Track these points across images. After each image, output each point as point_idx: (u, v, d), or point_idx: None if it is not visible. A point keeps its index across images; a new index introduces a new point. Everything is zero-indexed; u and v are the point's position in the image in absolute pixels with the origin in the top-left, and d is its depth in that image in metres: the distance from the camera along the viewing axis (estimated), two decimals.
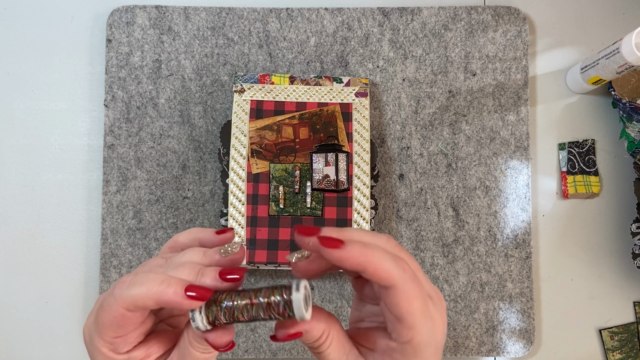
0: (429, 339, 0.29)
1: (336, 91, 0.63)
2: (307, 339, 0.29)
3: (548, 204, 0.66)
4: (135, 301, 0.27)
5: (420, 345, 0.28)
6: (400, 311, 0.28)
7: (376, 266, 0.27)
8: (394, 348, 0.29)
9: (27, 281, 0.65)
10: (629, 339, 0.65)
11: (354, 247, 0.27)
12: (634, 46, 0.55)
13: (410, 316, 0.28)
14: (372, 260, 0.27)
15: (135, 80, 0.65)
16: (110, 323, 0.28)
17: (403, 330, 0.28)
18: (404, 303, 0.28)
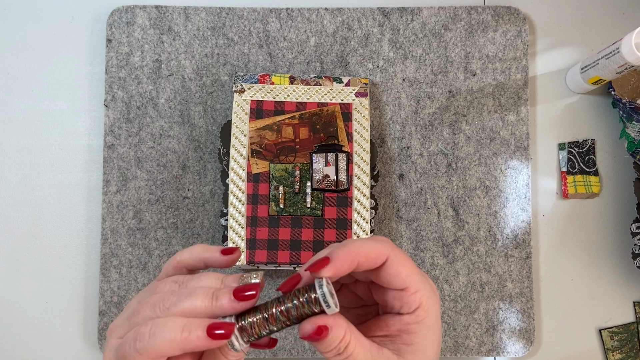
0: (433, 298, 0.31)
1: (336, 91, 0.63)
2: (333, 340, 0.29)
3: (548, 204, 0.66)
4: (161, 353, 0.27)
5: (429, 305, 0.31)
6: (402, 278, 0.30)
7: (365, 253, 0.29)
8: (409, 320, 0.31)
9: (27, 281, 0.65)
10: (629, 339, 0.65)
11: (338, 253, 0.29)
12: (633, 46, 0.55)
13: (411, 278, 0.30)
14: (359, 251, 0.29)
15: (135, 80, 0.65)
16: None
17: (410, 297, 0.30)
18: (401, 269, 0.30)
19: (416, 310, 0.31)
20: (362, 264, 0.29)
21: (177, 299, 0.28)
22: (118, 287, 0.63)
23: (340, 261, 0.29)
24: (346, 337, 0.29)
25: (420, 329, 0.31)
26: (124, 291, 0.63)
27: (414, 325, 0.31)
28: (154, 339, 0.27)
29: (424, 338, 0.31)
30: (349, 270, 0.29)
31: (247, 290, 0.28)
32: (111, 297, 0.63)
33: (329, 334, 0.29)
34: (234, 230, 0.59)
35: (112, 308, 0.63)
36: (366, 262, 0.29)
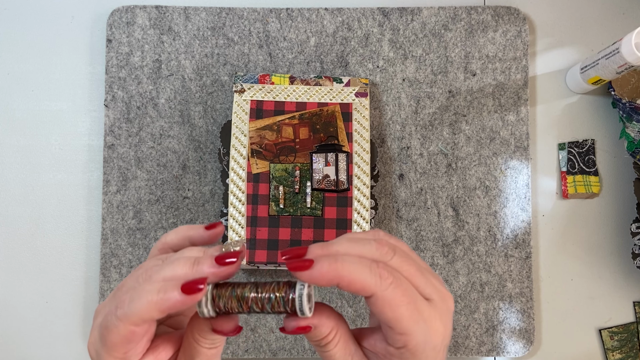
0: (425, 343, 0.28)
1: (336, 91, 0.63)
2: (316, 336, 0.29)
3: (548, 204, 0.66)
4: (140, 316, 0.27)
5: (416, 349, 0.28)
6: (387, 318, 0.27)
7: (349, 279, 0.27)
8: (393, 353, 0.29)
9: (27, 281, 0.65)
10: (629, 339, 0.65)
11: (323, 265, 0.27)
12: (633, 46, 0.55)
13: (398, 323, 0.27)
14: (343, 273, 0.27)
15: (135, 80, 0.65)
16: (119, 341, 0.28)
17: (395, 336, 0.28)
18: (387, 310, 0.27)
19: (400, 348, 0.28)
20: (342, 287, 0.27)
21: (158, 268, 0.29)
22: None
23: (320, 274, 0.27)
24: (329, 336, 0.29)
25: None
26: None
27: (397, 359, 0.29)
28: (132, 304, 0.27)
29: None
30: (327, 285, 0.27)
31: (228, 257, 0.28)
32: None
33: (312, 331, 0.28)
34: (234, 230, 0.59)
35: None
36: (346, 288, 0.27)
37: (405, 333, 0.28)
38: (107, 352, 0.28)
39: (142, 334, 0.28)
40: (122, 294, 0.28)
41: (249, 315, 0.30)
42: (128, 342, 0.28)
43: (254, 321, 0.63)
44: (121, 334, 0.27)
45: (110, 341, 0.28)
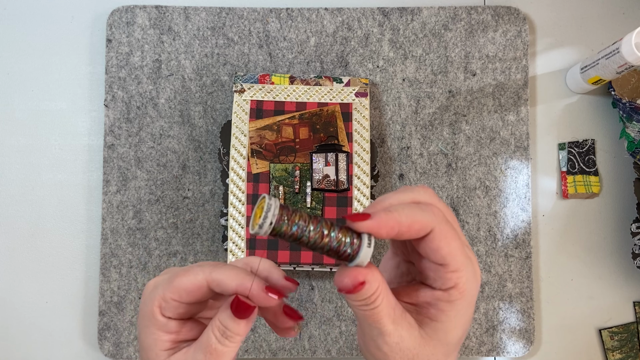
0: (471, 283, 0.29)
1: (336, 91, 0.63)
2: (367, 292, 0.28)
3: (548, 204, 0.66)
4: (220, 281, 0.30)
5: (465, 288, 0.29)
6: (442, 254, 0.28)
7: (408, 222, 0.28)
8: (440, 297, 0.29)
9: (27, 281, 0.65)
10: (629, 339, 0.65)
11: (382, 215, 0.28)
12: (633, 46, 0.55)
13: (452, 258, 0.28)
14: (402, 219, 0.27)
15: (135, 80, 0.65)
16: (186, 287, 0.30)
17: (447, 274, 0.29)
18: (443, 245, 0.28)
19: (450, 289, 0.29)
20: (403, 233, 0.28)
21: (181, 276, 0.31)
22: (118, 287, 0.63)
23: (380, 224, 0.27)
24: (378, 290, 0.28)
25: (450, 309, 0.29)
26: (124, 291, 0.63)
27: (445, 303, 0.29)
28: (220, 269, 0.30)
29: (450, 319, 0.30)
30: (387, 237, 0.28)
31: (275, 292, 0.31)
32: (111, 297, 0.63)
33: (364, 288, 0.28)
34: (234, 230, 0.59)
35: (112, 308, 0.63)
36: (407, 233, 0.28)
37: (458, 269, 0.28)
38: (167, 289, 0.30)
39: (201, 296, 0.31)
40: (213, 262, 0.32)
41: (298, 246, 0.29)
42: (189, 293, 0.30)
43: (254, 321, 0.63)
44: (194, 282, 0.30)
45: (179, 282, 0.30)
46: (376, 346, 0.29)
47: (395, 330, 0.29)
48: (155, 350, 0.31)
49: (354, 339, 0.63)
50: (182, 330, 0.32)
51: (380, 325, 0.29)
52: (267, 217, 0.27)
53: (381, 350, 0.29)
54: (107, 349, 0.63)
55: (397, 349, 0.29)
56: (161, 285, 0.31)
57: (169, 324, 0.31)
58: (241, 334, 0.31)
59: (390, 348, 0.29)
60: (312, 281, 0.64)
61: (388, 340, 0.29)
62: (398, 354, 0.29)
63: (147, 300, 0.31)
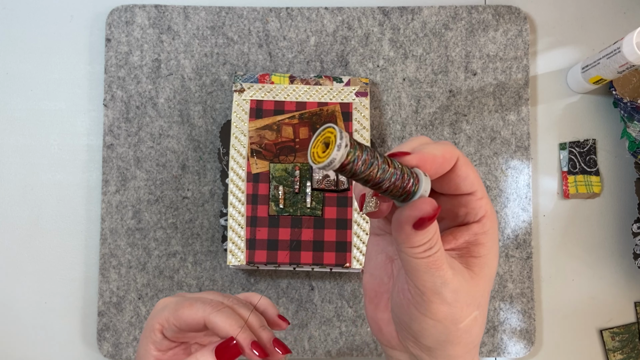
0: (494, 210, 0.31)
1: (336, 91, 0.63)
2: (430, 231, 0.27)
3: (549, 204, 0.66)
4: (214, 325, 0.34)
5: (493, 216, 0.30)
6: (471, 180, 0.29)
7: (441, 154, 0.28)
8: (476, 230, 0.30)
9: (26, 281, 0.64)
10: (630, 340, 0.65)
11: (418, 152, 0.28)
12: (634, 45, 0.55)
13: (479, 184, 0.30)
14: (435, 152, 0.28)
15: (134, 79, 0.65)
16: (186, 320, 0.34)
17: (477, 202, 0.30)
18: (470, 171, 0.29)
19: (482, 218, 0.30)
20: (440, 165, 0.28)
21: None
22: (117, 287, 0.63)
23: (424, 158, 0.27)
24: (437, 231, 0.28)
25: (487, 239, 0.30)
26: (123, 292, 0.63)
27: (482, 235, 0.30)
28: (219, 315, 0.34)
29: (490, 250, 0.30)
30: (431, 170, 0.28)
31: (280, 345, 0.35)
32: (110, 297, 0.63)
33: (434, 220, 0.27)
34: (234, 231, 0.59)
35: (111, 308, 0.63)
36: (443, 164, 0.28)
37: (484, 196, 0.30)
38: (171, 314, 0.35)
39: (198, 330, 0.35)
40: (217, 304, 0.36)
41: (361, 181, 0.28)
42: (188, 326, 0.34)
43: None
44: (193, 320, 0.34)
45: (182, 315, 0.34)
46: (441, 298, 0.28)
47: (454, 275, 0.28)
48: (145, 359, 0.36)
49: (354, 339, 0.63)
50: (169, 352, 0.37)
51: (442, 272, 0.28)
52: (339, 151, 0.24)
53: (446, 301, 0.28)
54: (106, 349, 0.62)
55: (458, 295, 0.28)
56: (168, 308, 0.35)
57: (162, 342, 0.36)
58: None
59: (454, 296, 0.28)
60: (312, 281, 0.63)
61: (452, 287, 0.28)
62: (460, 301, 0.28)
63: (153, 317, 0.36)
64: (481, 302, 0.30)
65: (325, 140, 0.25)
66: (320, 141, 0.26)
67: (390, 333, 0.33)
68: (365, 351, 0.63)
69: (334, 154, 0.24)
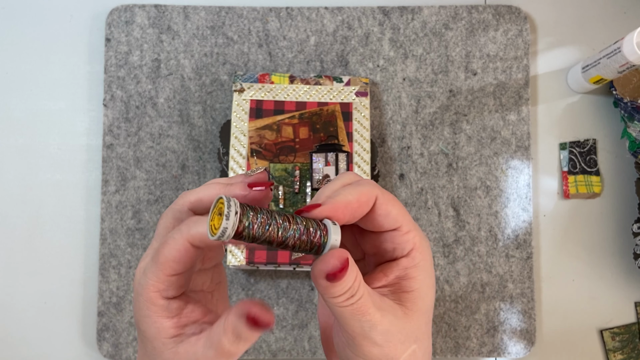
0: (424, 240, 0.30)
1: (336, 91, 0.62)
2: (348, 280, 0.27)
3: (549, 204, 0.66)
4: (202, 236, 0.28)
5: (422, 246, 0.30)
6: (393, 217, 0.29)
7: (356, 198, 0.28)
8: (405, 264, 0.30)
9: (26, 282, 0.64)
10: (631, 340, 0.65)
11: (331, 201, 0.28)
12: (635, 45, 0.54)
13: (403, 218, 0.29)
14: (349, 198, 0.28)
15: (134, 79, 0.65)
16: (171, 256, 0.28)
17: (403, 237, 0.29)
18: (391, 207, 0.29)
19: (411, 252, 0.30)
20: (356, 210, 0.28)
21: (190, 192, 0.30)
22: (117, 287, 0.63)
23: (335, 207, 0.28)
24: (358, 277, 0.28)
25: (418, 273, 0.30)
26: (123, 292, 0.63)
27: (412, 269, 0.30)
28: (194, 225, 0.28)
29: (422, 283, 0.30)
30: (344, 219, 0.28)
31: (259, 185, 0.29)
32: (110, 297, 0.63)
33: (349, 269, 0.27)
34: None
35: (110, 309, 0.63)
36: (359, 209, 0.28)
37: (410, 230, 0.30)
38: (157, 268, 0.29)
39: (191, 260, 0.29)
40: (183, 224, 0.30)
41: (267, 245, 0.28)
42: (178, 261, 0.28)
43: None
44: (177, 247, 0.28)
45: (163, 255, 0.28)
46: (371, 342, 0.28)
47: (383, 316, 0.28)
48: (160, 339, 0.30)
49: None
50: (183, 312, 0.30)
51: (369, 316, 0.28)
52: (228, 220, 0.25)
53: (376, 343, 0.28)
54: (105, 349, 0.62)
55: (389, 335, 0.28)
56: (149, 269, 0.29)
57: (170, 306, 0.30)
58: (254, 339, 0.30)
59: (384, 337, 0.28)
60: (311, 282, 0.63)
61: (380, 330, 0.28)
62: (392, 341, 0.29)
63: (141, 289, 0.29)
64: (418, 336, 0.30)
65: (219, 211, 0.26)
66: (216, 213, 0.26)
67: None
68: None
69: (224, 224, 0.24)
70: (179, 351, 0.29)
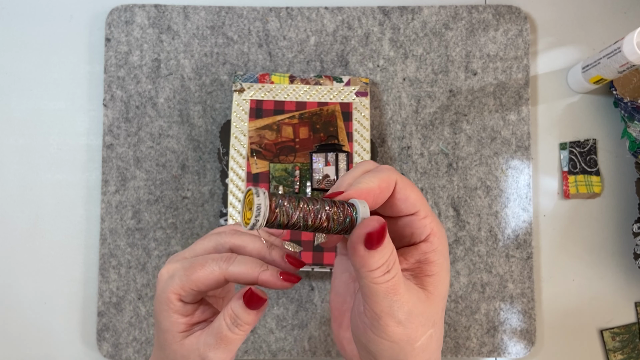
0: (441, 227, 0.32)
1: (336, 90, 0.62)
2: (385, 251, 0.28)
3: (549, 204, 0.66)
4: (237, 276, 0.32)
5: (440, 233, 0.31)
6: (412, 201, 0.30)
7: (377, 185, 0.29)
8: (425, 248, 0.31)
9: (26, 282, 0.64)
10: (631, 340, 0.65)
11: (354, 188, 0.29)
12: (635, 45, 0.54)
13: (421, 204, 0.31)
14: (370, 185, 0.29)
15: (134, 79, 0.65)
16: (204, 281, 0.32)
17: (421, 222, 0.31)
18: (409, 192, 0.30)
19: (429, 236, 0.31)
20: (378, 196, 0.29)
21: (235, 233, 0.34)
22: (117, 287, 0.63)
23: (359, 193, 0.29)
24: (394, 252, 0.28)
25: (437, 257, 0.31)
26: (123, 292, 0.63)
27: (431, 253, 0.31)
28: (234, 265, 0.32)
29: (441, 268, 0.31)
30: (370, 204, 0.29)
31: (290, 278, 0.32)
32: (110, 297, 0.63)
33: (385, 240, 0.28)
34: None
35: (110, 309, 0.63)
36: (381, 194, 0.30)
37: (427, 215, 0.31)
38: (186, 280, 0.32)
39: (216, 286, 0.33)
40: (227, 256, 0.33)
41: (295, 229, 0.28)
42: (206, 286, 0.32)
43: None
44: (212, 277, 0.32)
45: (197, 275, 0.32)
46: (396, 321, 0.29)
47: (410, 297, 0.29)
48: (172, 332, 0.33)
49: None
50: (195, 313, 0.34)
51: (399, 295, 0.29)
52: (259, 214, 0.26)
53: (401, 323, 0.29)
54: (105, 349, 0.62)
55: (412, 316, 0.29)
56: (178, 276, 0.33)
57: (185, 308, 0.33)
58: (251, 323, 0.32)
59: (408, 318, 0.29)
60: (312, 281, 0.63)
61: (407, 309, 0.29)
62: (414, 322, 0.29)
63: (165, 288, 0.33)
64: (436, 320, 0.31)
65: (249, 205, 0.27)
66: (247, 208, 0.28)
67: (352, 351, 0.34)
68: None
69: (257, 200, 0.26)
70: (185, 343, 0.33)
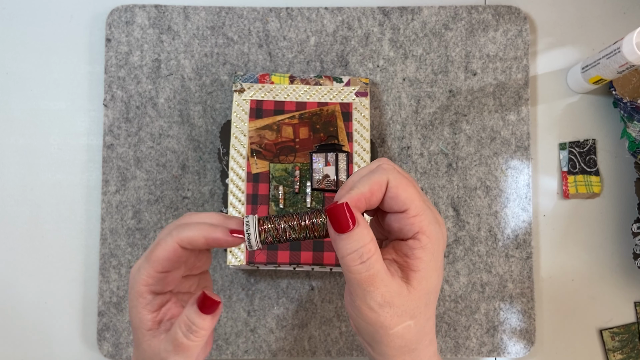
0: (435, 225, 0.32)
1: (336, 91, 0.63)
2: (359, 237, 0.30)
3: (549, 204, 0.66)
4: (189, 239, 0.33)
5: (430, 230, 0.32)
6: (402, 200, 0.31)
7: (368, 188, 0.31)
8: (412, 244, 0.32)
9: (26, 282, 0.64)
10: (630, 340, 0.65)
11: (347, 197, 0.32)
12: (634, 45, 0.55)
13: (411, 202, 0.31)
14: (362, 190, 0.31)
15: (134, 79, 0.65)
16: (163, 256, 0.33)
17: (410, 220, 0.32)
18: (400, 191, 0.31)
19: (417, 234, 0.32)
20: (370, 199, 0.31)
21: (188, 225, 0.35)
22: (117, 287, 0.63)
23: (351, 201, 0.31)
24: (371, 244, 0.30)
25: (424, 254, 0.32)
26: (123, 292, 0.63)
27: (418, 250, 0.32)
28: (186, 229, 0.33)
29: (428, 265, 0.32)
30: (363, 208, 0.31)
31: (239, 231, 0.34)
32: (110, 297, 0.63)
33: (356, 229, 0.30)
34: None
35: (111, 308, 0.63)
36: (373, 197, 0.32)
37: (418, 214, 0.31)
38: (149, 265, 0.33)
39: (180, 260, 0.34)
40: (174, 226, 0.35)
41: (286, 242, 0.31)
42: (168, 260, 0.33)
43: (254, 322, 0.63)
44: (168, 248, 0.33)
45: (155, 254, 0.33)
46: (368, 307, 0.31)
47: (387, 289, 0.31)
48: (141, 329, 0.34)
49: (354, 339, 0.63)
50: (162, 309, 0.35)
51: (373, 286, 0.31)
52: (250, 238, 0.33)
53: (373, 309, 0.31)
54: (106, 349, 0.62)
55: (386, 306, 0.31)
56: (142, 267, 0.34)
57: (153, 301, 0.34)
58: (206, 329, 0.33)
59: (380, 307, 0.31)
60: (312, 281, 0.63)
61: (379, 299, 0.31)
62: (388, 312, 0.31)
63: (134, 282, 0.34)
64: (415, 314, 0.32)
65: None
66: None
67: None
68: (365, 351, 0.63)
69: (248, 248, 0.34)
70: (152, 344, 0.34)
